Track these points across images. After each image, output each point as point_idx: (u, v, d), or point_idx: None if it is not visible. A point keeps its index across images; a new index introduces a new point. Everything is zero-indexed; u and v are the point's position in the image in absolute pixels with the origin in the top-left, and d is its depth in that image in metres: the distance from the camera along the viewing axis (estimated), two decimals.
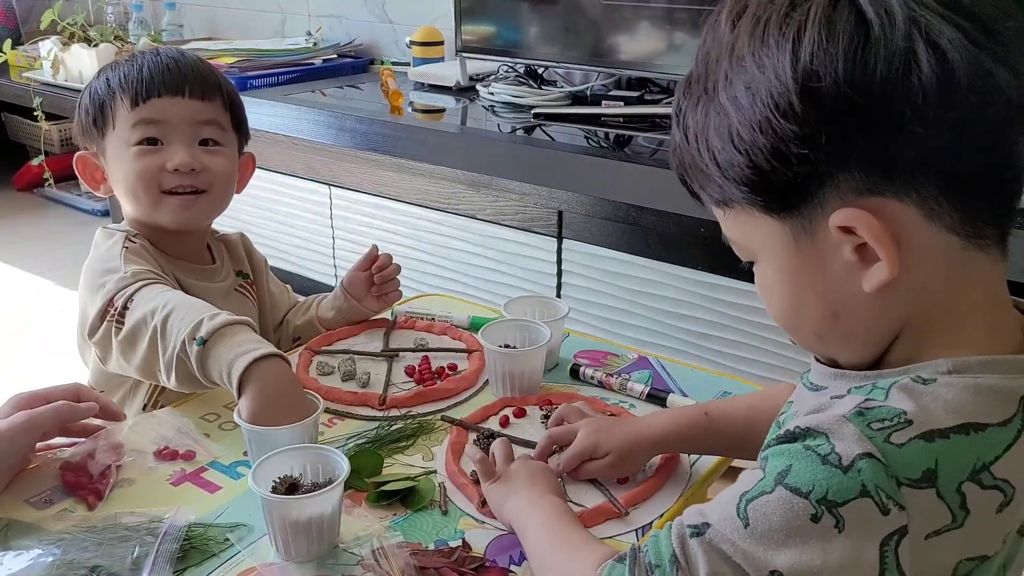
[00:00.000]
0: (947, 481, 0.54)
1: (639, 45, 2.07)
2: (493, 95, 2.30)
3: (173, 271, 1.13)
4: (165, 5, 3.54)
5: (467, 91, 2.42)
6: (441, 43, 2.65)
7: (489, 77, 2.42)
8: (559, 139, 1.98)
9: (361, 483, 0.91)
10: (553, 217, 1.93)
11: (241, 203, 1.22)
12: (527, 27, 2.25)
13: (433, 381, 1.13)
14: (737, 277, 1.69)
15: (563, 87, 2.29)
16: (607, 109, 2.09)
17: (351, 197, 2.35)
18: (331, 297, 1.28)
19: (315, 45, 2.90)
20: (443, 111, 2.35)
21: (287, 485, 0.80)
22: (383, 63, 2.90)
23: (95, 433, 0.98)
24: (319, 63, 2.81)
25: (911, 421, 0.55)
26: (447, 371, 1.15)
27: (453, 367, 1.17)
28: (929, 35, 0.53)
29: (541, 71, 2.35)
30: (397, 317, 1.30)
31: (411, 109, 2.32)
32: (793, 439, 0.58)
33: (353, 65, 2.88)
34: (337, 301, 1.27)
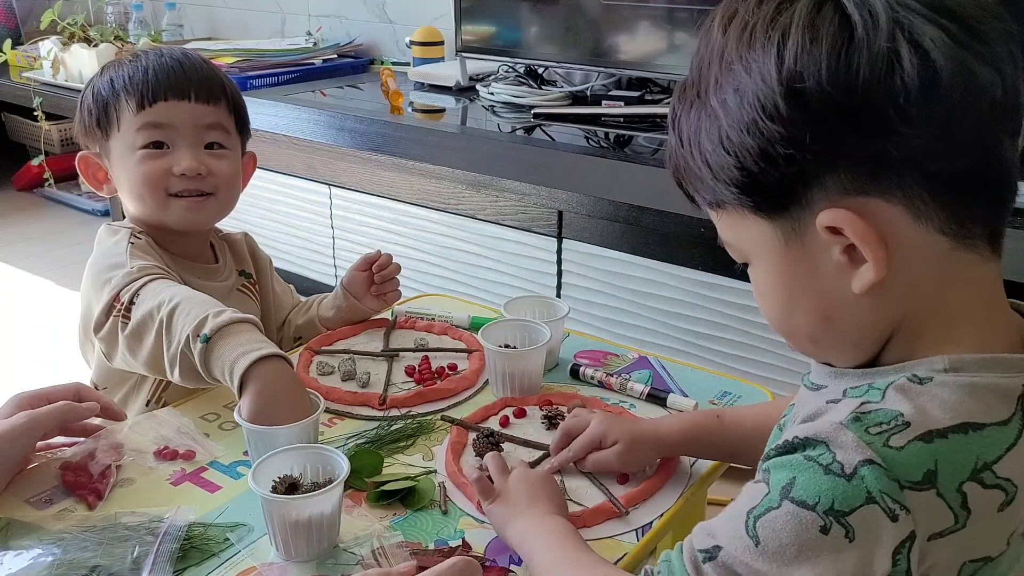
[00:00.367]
0: (947, 481, 0.54)
1: (639, 45, 2.07)
2: (493, 95, 2.30)
3: (176, 269, 1.13)
4: (165, 5, 3.54)
5: (467, 91, 2.42)
6: (441, 43, 2.65)
7: (489, 77, 2.42)
8: (559, 139, 1.98)
9: (361, 483, 0.91)
10: (553, 217, 1.93)
11: (241, 203, 1.22)
12: (527, 27, 2.25)
13: (433, 381, 1.13)
14: (737, 277, 1.69)
15: (563, 87, 2.29)
16: (607, 109, 2.09)
17: (351, 197, 2.35)
18: (331, 297, 1.29)
19: (315, 45, 2.90)
20: (443, 111, 2.35)
21: (287, 485, 0.80)
22: (383, 63, 2.91)
23: (95, 433, 0.98)
24: (319, 63, 2.82)
25: (909, 423, 0.55)
26: (447, 371, 1.15)
27: (453, 367, 1.17)
28: (912, 35, 0.53)
29: (541, 71, 2.35)
30: (397, 317, 1.30)
31: (411, 109, 2.32)
32: (792, 450, 0.58)
33: (353, 65, 2.88)
34: (337, 300, 1.27)
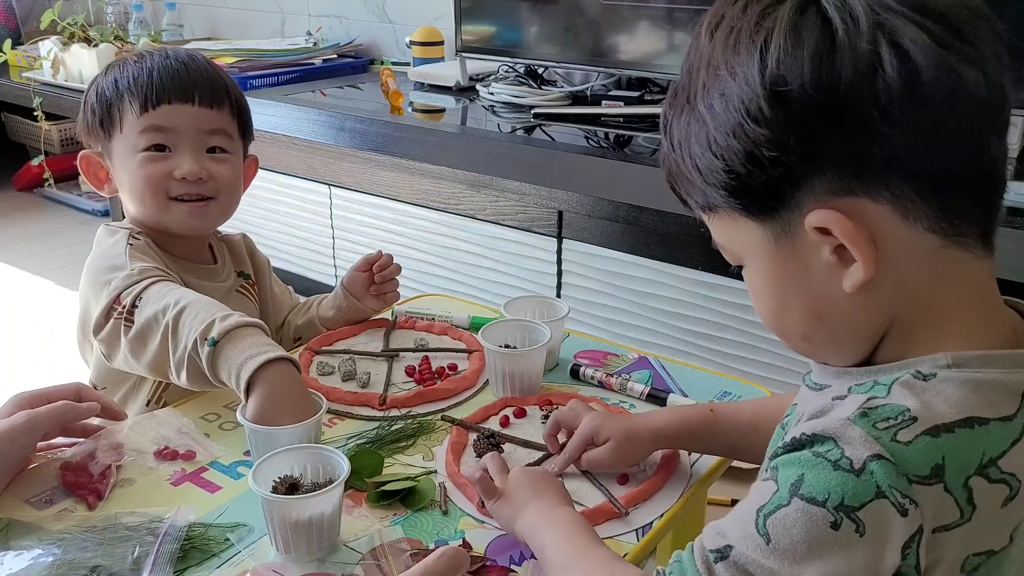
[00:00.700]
0: (954, 475, 0.55)
1: (639, 45, 2.07)
2: (493, 95, 2.30)
3: (175, 270, 1.13)
4: (165, 5, 3.54)
5: (467, 91, 2.42)
6: (441, 43, 2.65)
7: (489, 77, 2.42)
8: (559, 139, 1.98)
9: (361, 483, 0.91)
10: (553, 217, 1.93)
11: (241, 203, 1.22)
12: (527, 27, 2.25)
13: (433, 381, 1.13)
14: (737, 277, 1.68)
15: (563, 87, 2.29)
16: (607, 109, 2.09)
17: (351, 197, 2.35)
18: (331, 296, 1.29)
19: (315, 45, 2.90)
20: (443, 111, 2.35)
21: (287, 485, 0.80)
22: (383, 63, 2.90)
23: (95, 433, 0.98)
24: (319, 63, 2.81)
25: (916, 418, 0.55)
26: (447, 371, 1.15)
27: (453, 367, 1.17)
28: (893, 37, 0.54)
29: (541, 71, 2.35)
30: (397, 317, 1.30)
31: (411, 109, 2.32)
32: (800, 446, 0.58)
33: (353, 65, 2.88)
34: (337, 300, 1.27)
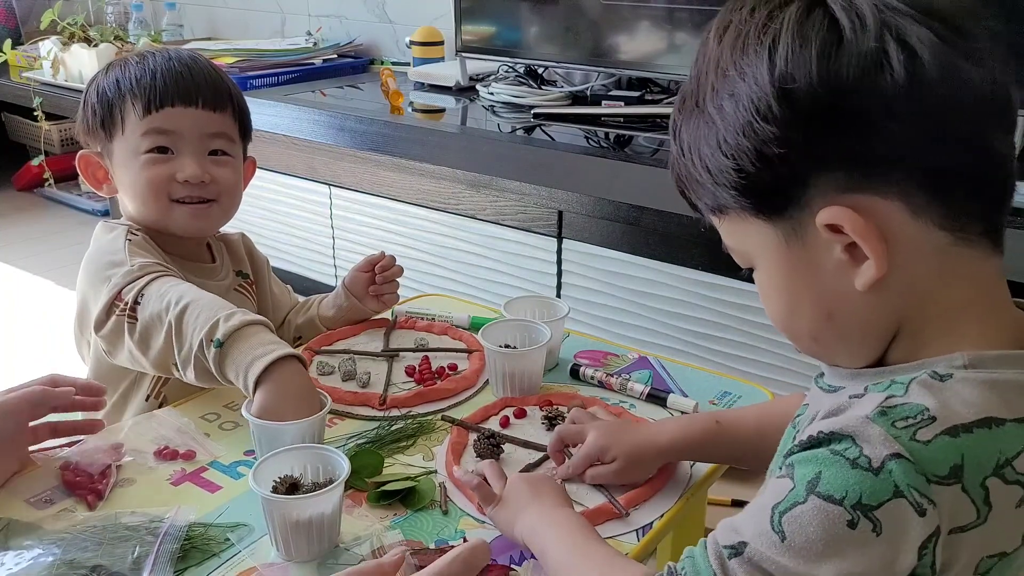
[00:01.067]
0: (972, 476, 0.55)
1: (639, 45, 2.07)
2: (493, 95, 2.30)
3: (174, 267, 1.13)
4: (165, 5, 3.54)
5: (467, 91, 2.42)
6: (441, 43, 2.65)
7: (489, 77, 2.42)
8: (559, 139, 1.98)
9: (361, 483, 0.91)
10: (553, 217, 1.93)
11: (241, 203, 1.22)
12: (527, 27, 2.25)
13: (433, 381, 1.13)
14: (737, 277, 1.69)
15: (563, 87, 2.29)
16: (607, 109, 2.09)
17: (351, 197, 2.35)
18: (332, 296, 1.29)
19: (315, 45, 2.90)
20: (443, 111, 2.35)
21: (288, 485, 0.80)
22: (383, 63, 2.90)
23: (89, 430, 0.98)
24: (319, 63, 2.81)
25: (935, 417, 0.55)
26: (447, 371, 1.15)
27: (453, 367, 1.17)
28: (900, 35, 0.55)
29: (541, 71, 2.35)
30: (397, 317, 1.30)
31: (411, 109, 2.32)
32: (818, 444, 0.58)
33: (353, 65, 2.88)
34: (338, 300, 1.27)
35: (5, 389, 0.94)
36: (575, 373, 1.15)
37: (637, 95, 2.15)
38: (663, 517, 0.88)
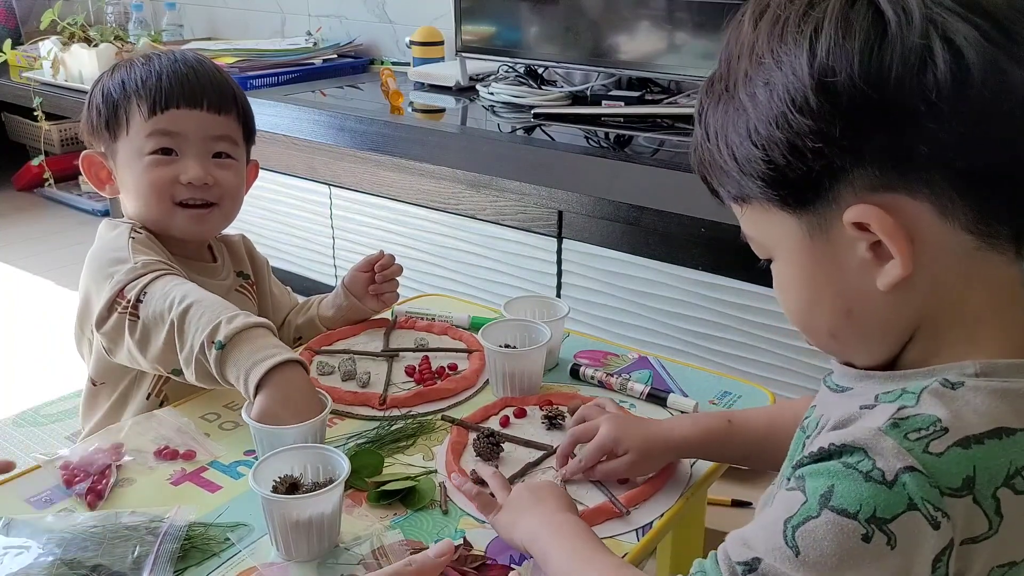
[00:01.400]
0: (984, 487, 0.54)
1: (639, 45, 2.07)
2: (493, 95, 2.30)
3: (176, 265, 1.13)
4: (165, 5, 3.54)
5: (467, 91, 2.42)
6: (441, 43, 2.65)
7: (489, 77, 2.42)
8: (559, 139, 1.98)
9: (361, 483, 0.91)
10: (553, 217, 1.93)
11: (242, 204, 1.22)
12: (527, 27, 2.25)
13: (433, 381, 1.13)
14: (737, 277, 1.69)
15: (563, 87, 2.29)
16: (607, 109, 2.09)
17: (351, 197, 2.35)
18: (332, 296, 1.29)
19: (315, 45, 2.90)
20: (443, 111, 2.35)
21: (288, 485, 0.80)
22: (383, 63, 2.90)
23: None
24: (319, 63, 2.82)
25: (947, 428, 0.54)
26: (447, 371, 1.15)
27: (453, 367, 1.17)
28: (946, 32, 0.53)
29: (541, 71, 2.35)
30: (397, 317, 1.30)
31: (411, 109, 2.32)
32: (829, 456, 0.57)
33: (353, 65, 2.88)
34: (338, 300, 1.27)
35: None
36: (575, 373, 1.15)
37: (637, 95, 2.15)
38: (663, 516, 0.88)
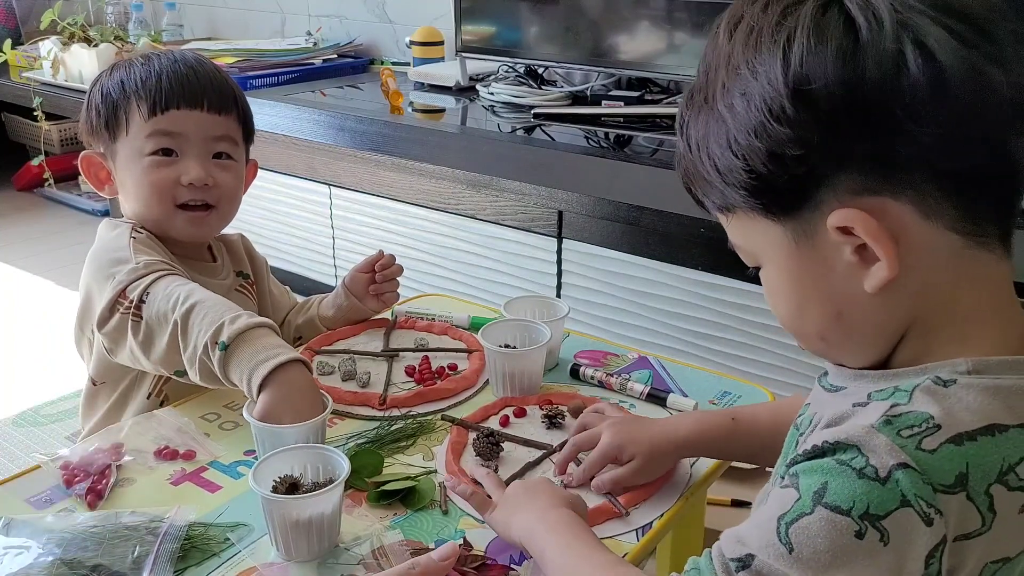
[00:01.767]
0: (977, 484, 0.54)
1: (639, 45, 2.07)
2: (493, 95, 2.30)
3: (177, 265, 1.13)
4: (165, 5, 3.54)
5: (467, 91, 2.42)
6: (441, 43, 2.65)
7: (489, 77, 2.42)
8: (559, 139, 1.98)
9: (361, 483, 0.91)
10: (553, 217, 1.93)
11: (242, 203, 1.22)
12: (527, 27, 2.25)
13: (433, 381, 1.13)
14: (737, 277, 1.69)
15: (563, 87, 2.29)
16: (607, 109, 2.09)
17: (351, 197, 2.35)
18: (332, 296, 1.29)
19: (315, 45, 2.90)
20: (443, 111, 2.35)
21: (287, 485, 0.80)
22: (383, 63, 2.90)
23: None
24: (319, 63, 2.81)
25: (939, 425, 0.55)
26: (447, 371, 1.15)
27: (453, 367, 1.17)
28: (917, 36, 0.54)
29: (541, 71, 2.35)
30: (397, 317, 1.30)
31: (411, 109, 2.32)
32: (822, 454, 0.57)
33: (353, 65, 2.88)
34: (338, 299, 1.27)
35: None
36: (575, 373, 1.15)
37: (637, 95, 2.15)
38: (663, 517, 0.88)
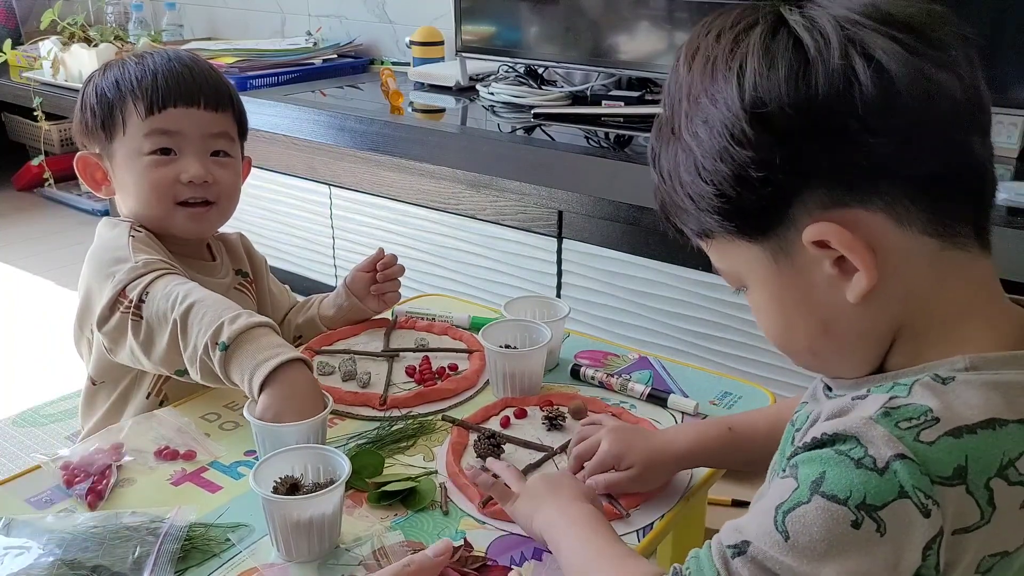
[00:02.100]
0: (976, 477, 0.55)
1: (639, 45, 2.07)
2: (493, 95, 2.30)
3: (176, 264, 1.13)
4: (165, 5, 3.54)
5: (467, 91, 2.42)
6: (441, 43, 2.65)
7: (489, 77, 2.42)
8: (559, 139, 1.98)
9: (362, 483, 0.91)
10: (553, 217, 1.93)
11: (241, 203, 1.22)
12: (527, 27, 2.25)
13: (434, 381, 1.13)
14: None
15: (563, 87, 2.29)
16: (607, 109, 2.09)
17: (351, 197, 2.35)
18: (333, 295, 1.29)
19: (315, 45, 2.90)
20: (443, 111, 2.35)
21: (288, 485, 0.80)
22: (383, 63, 2.91)
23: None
24: (319, 63, 2.82)
25: (938, 418, 0.55)
26: (448, 371, 1.15)
27: (454, 367, 1.17)
28: (865, 49, 0.56)
29: (541, 71, 2.35)
30: (397, 317, 1.30)
31: (411, 109, 2.32)
32: (822, 444, 0.58)
33: (353, 65, 2.88)
34: (339, 299, 1.27)
35: None
36: (575, 373, 1.14)
37: (637, 95, 2.15)
38: (663, 518, 0.88)
